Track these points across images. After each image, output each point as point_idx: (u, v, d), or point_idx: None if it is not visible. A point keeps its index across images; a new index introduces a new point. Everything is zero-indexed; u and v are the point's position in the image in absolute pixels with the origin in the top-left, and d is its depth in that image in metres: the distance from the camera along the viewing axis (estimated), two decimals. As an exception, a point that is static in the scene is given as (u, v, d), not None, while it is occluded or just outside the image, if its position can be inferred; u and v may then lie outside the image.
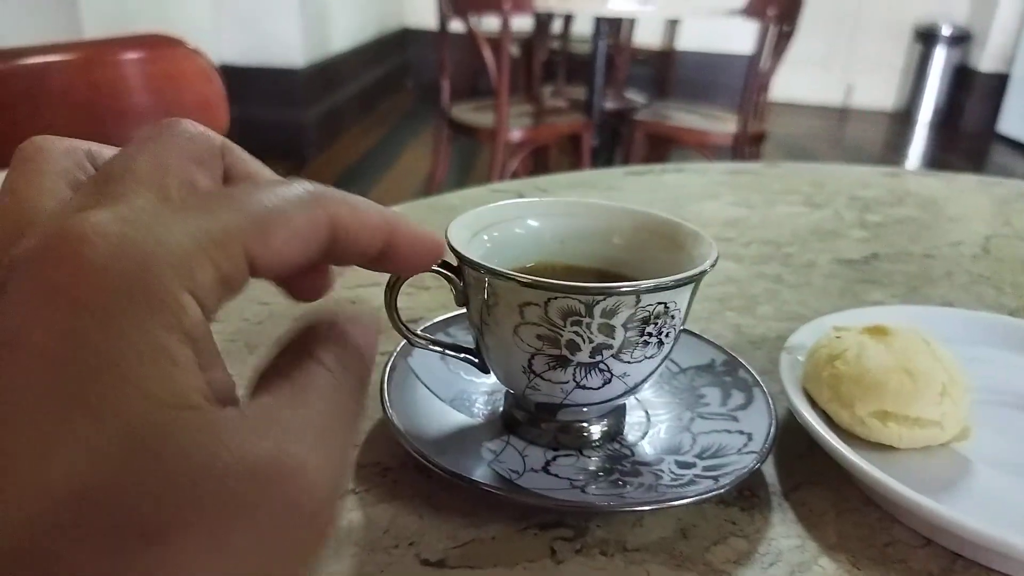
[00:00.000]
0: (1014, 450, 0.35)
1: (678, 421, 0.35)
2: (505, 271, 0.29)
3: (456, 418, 0.35)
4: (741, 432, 0.34)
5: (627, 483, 0.31)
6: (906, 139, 4.27)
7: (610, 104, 2.90)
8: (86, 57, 0.82)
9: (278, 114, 3.27)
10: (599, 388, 0.31)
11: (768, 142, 2.67)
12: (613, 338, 0.29)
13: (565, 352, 0.30)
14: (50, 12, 2.08)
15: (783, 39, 2.38)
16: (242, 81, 3.19)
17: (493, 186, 0.70)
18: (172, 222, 0.18)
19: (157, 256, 0.18)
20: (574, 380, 0.31)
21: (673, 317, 0.30)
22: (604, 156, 2.77)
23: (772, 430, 0.33)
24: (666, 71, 3.83)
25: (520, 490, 0.30)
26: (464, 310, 0.33)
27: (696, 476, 0.31)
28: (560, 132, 2.58)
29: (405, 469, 0.33)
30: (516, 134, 2.41)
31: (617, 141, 2.96)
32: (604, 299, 0.28)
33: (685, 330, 0.41)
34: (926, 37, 4.40)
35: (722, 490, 0.30)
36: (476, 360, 0.34)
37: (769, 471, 0.34)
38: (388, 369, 0.36)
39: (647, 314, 0.29)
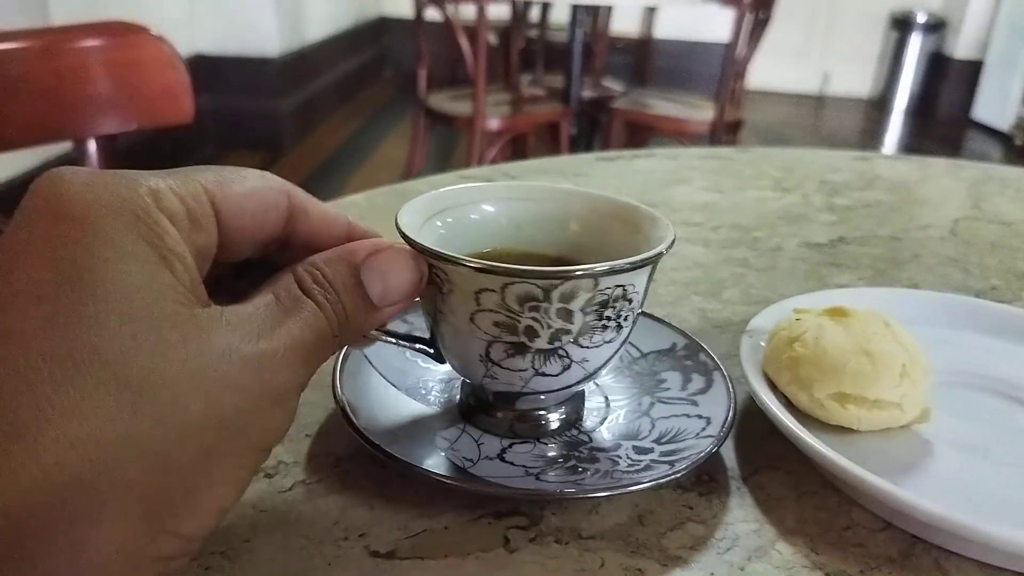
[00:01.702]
0: (974, 432, 0.34)
1: (637, 406, 0.35)
2: (460, 257, 0.28)
3: (411, 407, 0.34)
4: (700, 416, 0.33)
5: (583, 470, 0.31)
6: (882, 126, 4.30)
7: (588, 92, 2.89)
8: (47, 45, 0.80)
9: (253, 104, 3.23)
10: (558, 375, 0.30)
11: (745, 130, 2.68)
12: (572, 323, 0.29)
13: (523, 339, 0.29)
14: (15, 2, 2.03)
15: (759, 27, 2.38)
16: (217, 70, 3.14)
17: (461, 172, 0.69)
18: (137, 174, 0.21)
19: (127, 182, 0.20)
20: (533, 367, 0.30)
21: (631, 300, 0.30)
22: (582, 144, 2.77)
23: (730, 414, 0.32)
24: (644, 59, 3.83)
25: (473, 479, 0.29)
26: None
27: (653, 461, 0.31)
28: (538, 120, 2.57)
29: (358, 459, 0.32)
30: (494, 123, 2.39)
31: (595, 129, 2.96)
32: (562, 283, 0.27)
33: (647, 314, 0.40)
34: (901, 24, 4.43)
35: (678, 475, 0.29)
36: (431, 351, 0.33)
37: (729, 455, 0.34)
38: (341, 358, 0.35)
39: (605, 298, 0.29)
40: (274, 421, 0.22)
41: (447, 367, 0.34)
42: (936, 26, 4.39)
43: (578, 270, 0.28)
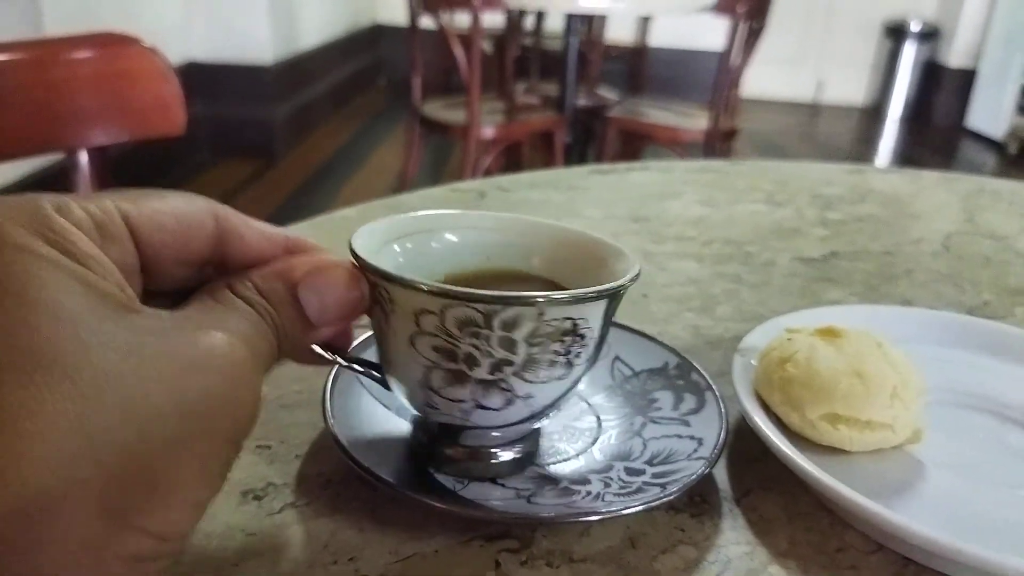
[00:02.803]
0: (967, 452, 0.34)
1: (629, 426, 0.35)
2: (400, 276, 0.27)
3: (401, 427, 0.34)
4: (692, 437, 0.33)
5: (574, 492, 0.31)
6: (876, 134, 4.32)
7: (583, 101, 2.90)
8: (39, 56, 0.80)
9: (247, 111, 3.23)
10: (500, 409, 0.29)
11: (740, 138, 2.69)
12: (515, 354, 0.27)
13: (463, 366, 0.28)
14: (8, 10, 2.03)
15: (753, 35, 2.39)
16: (211, 78, 3.14)
17: (454, 186, 0.69)
18: (41, 195, 0.21)
19: (28, 199, 0.20)
20: (473, 398, 0.28)
21: (583, 336, 0.28)
22: (577, 153, 2.77)
23: (722, 435, 0.32)
24: (639, 68, 3.84)
25: (463, 502, 0.29)
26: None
27: (645, 483, 0.31)
28: (533, 129, 2.57)
29: (347, 482, 0.32)
30: (488, 131, 2.40)
31: (590, 138, 2.96)
32: (503, 309, 0.26)
33: (639, 332, 0.40)
34: (895, 33, 4.45)
35: (670, 497, 0.29)
36: (378, 375, 0.31)
37: (721, 477, 0.34)
38: (332, 377, 0.35)
39: (552, 330, 0.27)
40: (244, 408, 0.21)
41: None
42: (930, 35, 4.41)
43: (521, 296, 0.26)
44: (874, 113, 4.59)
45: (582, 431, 0.35)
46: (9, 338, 0.18)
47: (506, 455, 0.32)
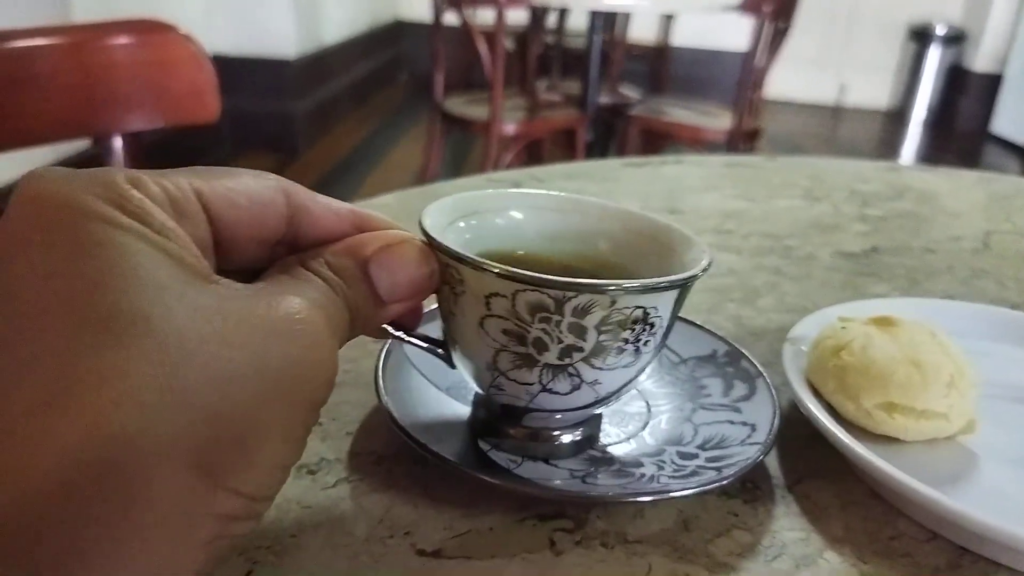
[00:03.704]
0: (1019, 444, 0.34)
1: (679, 412, 0.35)
2: (474, 258, 0.27)
3: (452, 407, 0.34)
4: (744, 423, 0.33)
5: (628, 474, 0.31)
6: (899, 138, 4.28)
7: (605, 99, 2.89)
8: (76, 41, 0.81)
9: (269, 105, 3.25)
10: (567, 394, 0.29)
11: (762, 139, 2.67)
12: (584, 340, 0.27)
13: (532, 351, 0.28)
14: (37, 4, 2.05)
15: (778, 36, 2.38)
16: (233, 72, 3.16)
17: (489, 175, 0.69)
18: (115, 168, 0.21)
19: (104, 172, 0.20)
20: (540, 382, 0.29)
21: (653, 325, 0.28)
22: (598, 151, 2.76)
23: (776, 421, 0.32)
24: (661, 67, 3.83)
25: (519, 480, 0.29)
26: None
27: (699, 467, 0.31)
28: (554, 126, 2.57)
29: (400, 458, 0.32)
30: (510, 127, 2.40)
31: (611, 136, 2.96)
32: (576, 296, 0.26)
33: (685, 320, 0.40)
34: (920, 36, 4.41)
35: (725, 481, 0.29)
36: (443, 353, 0.32)
37: (772, 463, 0.34)
38: (383, 355, 0.35)
39: (623, 318, 0.27)
40: (322, 373, 0.22)
41: None
42: (955, 38, 4.37)
43: (595, 283, 0.26)
44: (897, 117, 4.55)
45: (632, 415, 0.35)
46: (97, 302, 0.18)
47: (567, 438, 0.32)
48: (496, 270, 0.26)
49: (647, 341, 0.29)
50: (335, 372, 0.23)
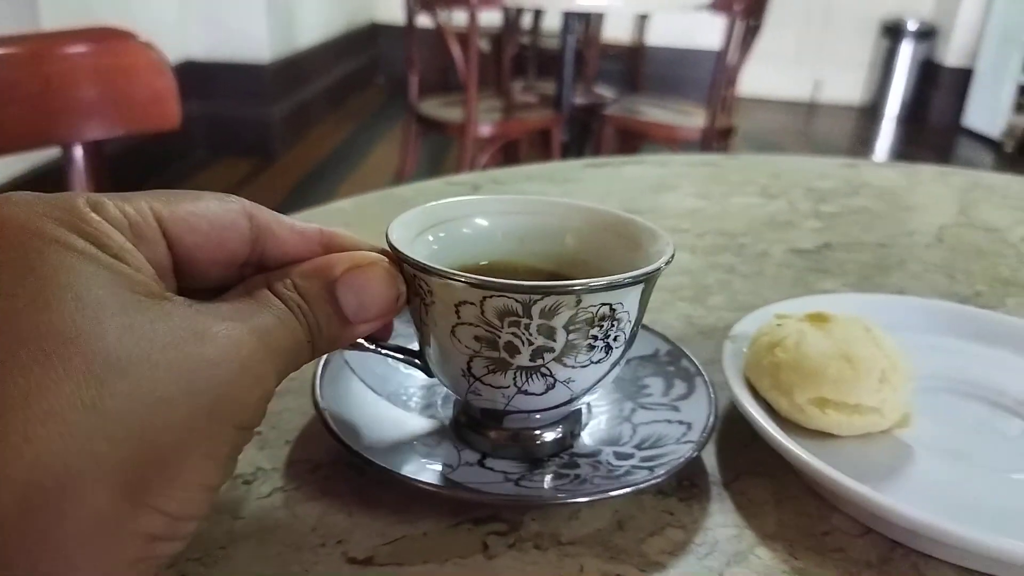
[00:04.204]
0: (956, 437, 0.34)
1: (619, 412, 0.35)
2: (439, 268, 0.27)
3: (392, 413, 0.34)
4: (681, 422, 0.33)
5: (563, 475, 0.31)
6: (873, 133, 4.32)
7: (580, 99, 2.89)
8: (34, 50, 0.80)
9: (245, 110, 3.23)
10: (542, 394, 0.30)
11: (737, 137, 2.69)
12: (554, 340, 0.28)
13: (504, 355, 0.28)
14: (6, 10, 2.03)
15: (750, 34, 2.39)
16: (208, 77, 3.14)
17: (449, 179, 0.69)
18: (76, 192, 0.21)
19: (65, 197, 0.21)
20: (515, 385, 0.29)
21: (620, 320, 0.29)
22: (574, 151, 2.77)
23: (711, 419, 0.32)
24: (636, 66, 3.84)
25: (453, 485, 0.29)
26: None
27: (633, 467, 0.31)
28: (530, 127, 2.57)
29: (337, 466, 0.32)
30: (485, 129, 2.40)
31: (587, 136, 2.96)
32: (541, 298, 0.27)
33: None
34: (892, 32, 4.46)
35: (657, 480, 0.29)
36: (419, 363, 0.32)
37: (711, 461, 0.34)
38: (322, 363, 0.35)
39: (590, 316, 0.28)
40: (252, 397, 0.22)
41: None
42: (927, 34, 4.42)
43: (559, 285, 0.27)
44: (871, 112, 4.60)
45: (571, 417, 0.35)
46: (31, 319, 0.18)
47: (548, 435, 0.32)
48: (462, 279, 0.27)
49: (616, 336, 0.29)
50: (267, 394, 0.23)
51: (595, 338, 0.29)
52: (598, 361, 0.29)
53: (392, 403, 0.34)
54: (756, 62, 2.55)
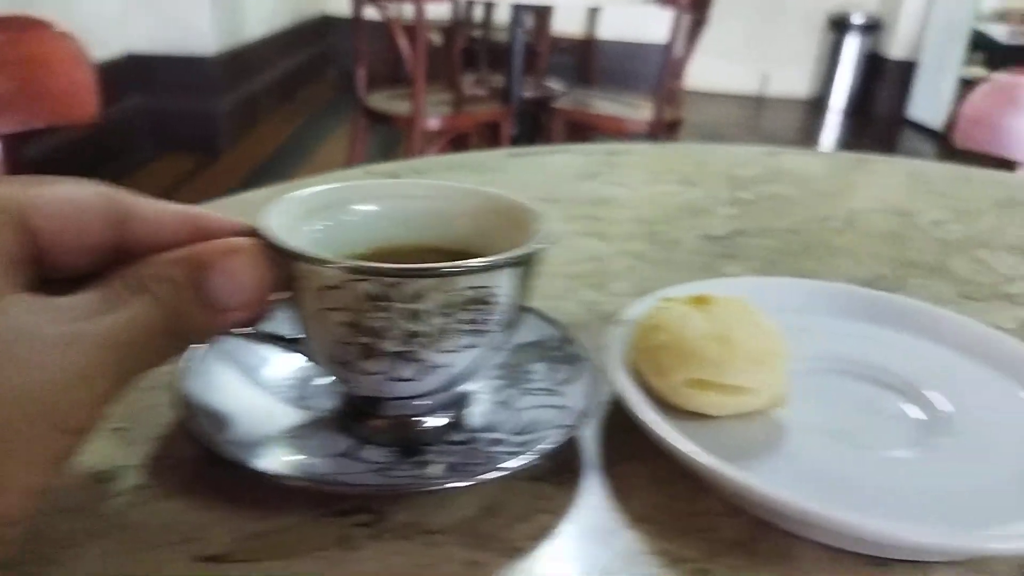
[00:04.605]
0: (834, 417, 0.35)
1: (502, 398, 0.34)
2: (302, 251, 0.27)
3: (267, 404, 0.33)
4: (561, 407, 0.33)
5: (434, 463, 0.30)
6: (819, 126, 4.40)
7: (530, 92, 2.89)
8: (-59, 39, 0.77)
9: (190, 104, 3.16)
10: (416, 380, 0.29)
11: (685, 129, 2.71)
12: (423, 325, 0.27)
13: (373, 340, 0.27)
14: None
15: (696, 27, 2.41)
16: (151, 70, 3.07)
17: (368, 168, 0.68)
18: None
19: None
20: (387, 371, 0.28)
21: (494, 304, 0.28)
22: (524, 144, 2.76)
23: (590, 403, 0.32)
24: (587, 60, 3.85)
25: (309, 478, 0.28)
26: None
27: (505, 453, 0.30)
28: (479, 120, 2.56)
29: (202, 462, 0.31)
30: (433, 122, 2.38)
31: (537, 129, 2.96)
32: (406, 282, 0.26)
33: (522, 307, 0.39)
34: (838, 26, 4.54)
35: (523, 466, 0.29)
36: (300, 349, 0.31)
37: (591, 446, 0.34)
38: (195, 354, 0.33)
39: (460, 300, 0.27)
40: (81, 402, 0.21)
41: (304, 362, 0.33)
42: (872, 27, 4.51)
43: (423, 269, 0.26)
44: (818, 105, 4.68)
45: (452, 403, 0.34)
46: None
47: (432, 421, 0.32)
48: (325, 263, 0.26)
49: (491, 320, 0.29)
50: (101, 396, 0.22)
51: (467, 323, 0.28)
52: (473, 346, 0.29)
53: (269, 394, 0.33)
54: (705, 56, 2.57)
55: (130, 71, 3.02)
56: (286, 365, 0.35)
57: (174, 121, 3.14)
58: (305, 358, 0.32)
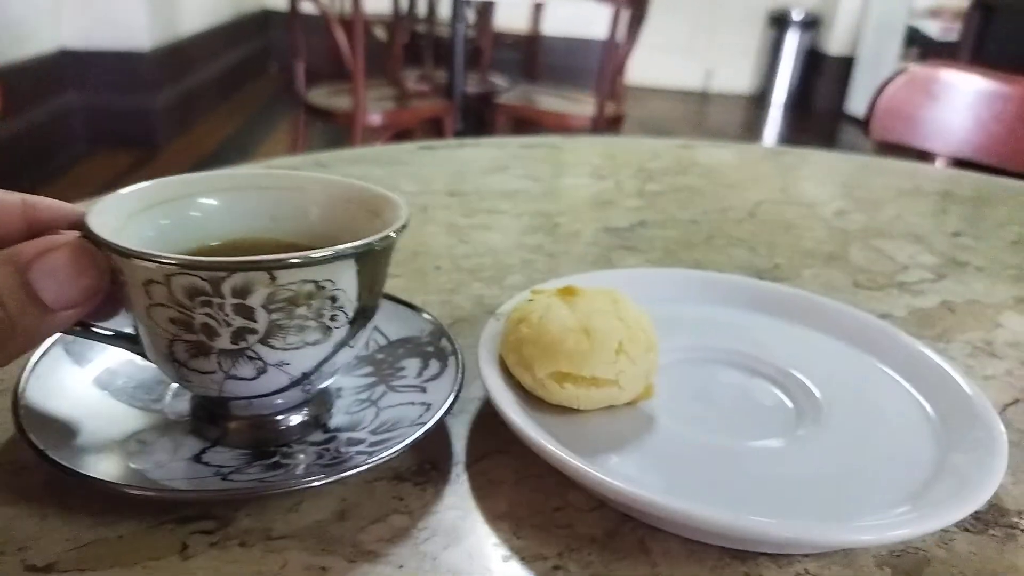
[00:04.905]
0: (704, 407, 0.35)
1: (367, 396, 0.33)
2: (118, 245, 0.25)
3: (112, 408, 0.31)
4: (423, 403, 0.32)
5: (282, 465, 0.29)
6: (761, 121, 4.48)
7: (474, 88, 2.88)
8: None
9: (125, 100, 3.08)
10: (254, 379, 0.28)
11: (629, 125, 2.73)
12: (254, 321, 0.26)
13: (202, 337, 0.26)
14: None
15: (636, 22, 2.42)
16: (84, 65, 2.98)
17: (270, 162, 0.66)
18: None
19: None
20: (222, 369, 0.27)
21: (334, 298, 0.27)
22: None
23: (450, 399, 0.31)
24: (532, 55, 3.85)
25: (144, 484, 0.27)
26: None
27: (359, 452, 0.29)
28: (422, 116, 2.54)
29: (42, 468, 0.29)
30: (376, 118, 2.35)
31: (482, 125, 2.95)
32: (229, 275, 0.25)
33: (400, 301, 0.39)
34: (779, 22, 4.62)
35: (374, 463, 0.28)
36: (137, 348, 0.30)
37: (459, 443, 0.33)
38: (37, 356, 0.32)
39: (292, 294, 0.26)
40: None
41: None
42: (811, 23, 4.60)
43: (246, 262, 0.25)
44: (759, 100, 4.76)
45: (314, 402, 0.33)
46: None
47: (292, 420, 0.31)
48: (141, 256, 0.25)
49: (334, 315, 0.28)
50: None
51: (305, 318, 0.27)
52: (315, 343, 0.28)
53: (115, 397, 0.32)
54: (649, 52, 2.60)
55: (64, 67, 2.93)
56: (140, 368, 0.34)
57: (110, 117, 3.05)
58: (140, 355, 0.30)
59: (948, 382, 0.35)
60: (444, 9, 3.43)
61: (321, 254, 0.26)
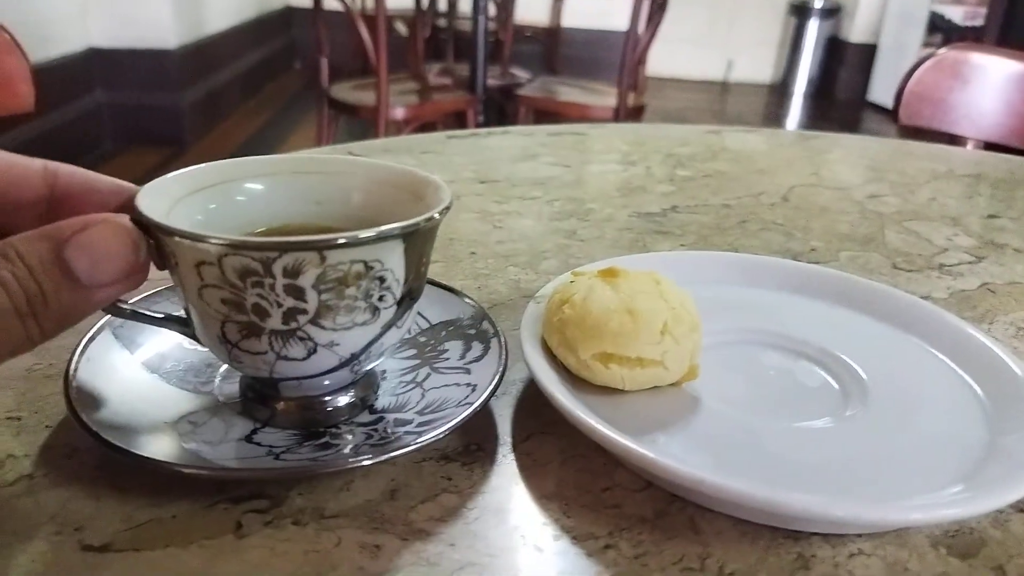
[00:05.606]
0: (747, 388, 0.34)
1: (412, 378, 0.34)
2: (169, 225, 0.25)
3: (163, 391, 0.32)
4: (468, 384, 0.32)
5: (333, 446, 0.29)
6: (783, 110, 4.43)
7: (495, 81, 2.88)
8: None
9: (152, 98, 3.11)
10: (304, 359, 0.28)
11: (650, 116, 2.71)
12: (305, 301, 0.26)
13: (254, 318, 0.26)
14: None
15: (657, 13, 2.41)
16: (113, 64, 3.01)
17: (295, 154, 0.66)
18: None
19: None
20: (273, 350, 0.27)
21: (382, 279, 0.27)
22: (490, 133, 2.75)
23: (496, 380, 0.31)
24: (553, 48, 3.85)
25: (197, 463, 0.27)
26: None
27: (407, 432, 0.29)
28: (444, 109, 2.54)
29: (95, 451, 0.30)
30: (399, 112, 2.36)
31: (504, 118, 2.95)
32: (280, 256, 0.25)
33: (439, 285, 0.39)
34: (800, 11, 4.57)
35: (423, 443, 0.28)
36: (187, 330, 0.30)
37: (506, 424, 0.33)
38: (85, 341, 0.32)
39: (341, 274, 0.26)
40: None
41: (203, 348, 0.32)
42: (832, 11, 4.54)
43: (297, 242, 0.25)
44: (781, 89, 4.71)
45: (361, 383, 0.33)
46: None
47: (339, 401, 0.31)
48: (193, 236, 0.25)
49: (382, 296, 0.28)
50: None
51: (354, 298, 0.27)
52: (364, 323, 0.28)
53: (165, 380, 0.32)
54: (670, 43, 2.58)
55: (91, 66, 2.97)
56: (187, 351, 0.34)
57: (138, 115, 3.09)
58: (190, 337, 0.31)
59: (997, 363, 0.35)
60: (464, 3, 3.43)
61: (369, 233, 0.26)
